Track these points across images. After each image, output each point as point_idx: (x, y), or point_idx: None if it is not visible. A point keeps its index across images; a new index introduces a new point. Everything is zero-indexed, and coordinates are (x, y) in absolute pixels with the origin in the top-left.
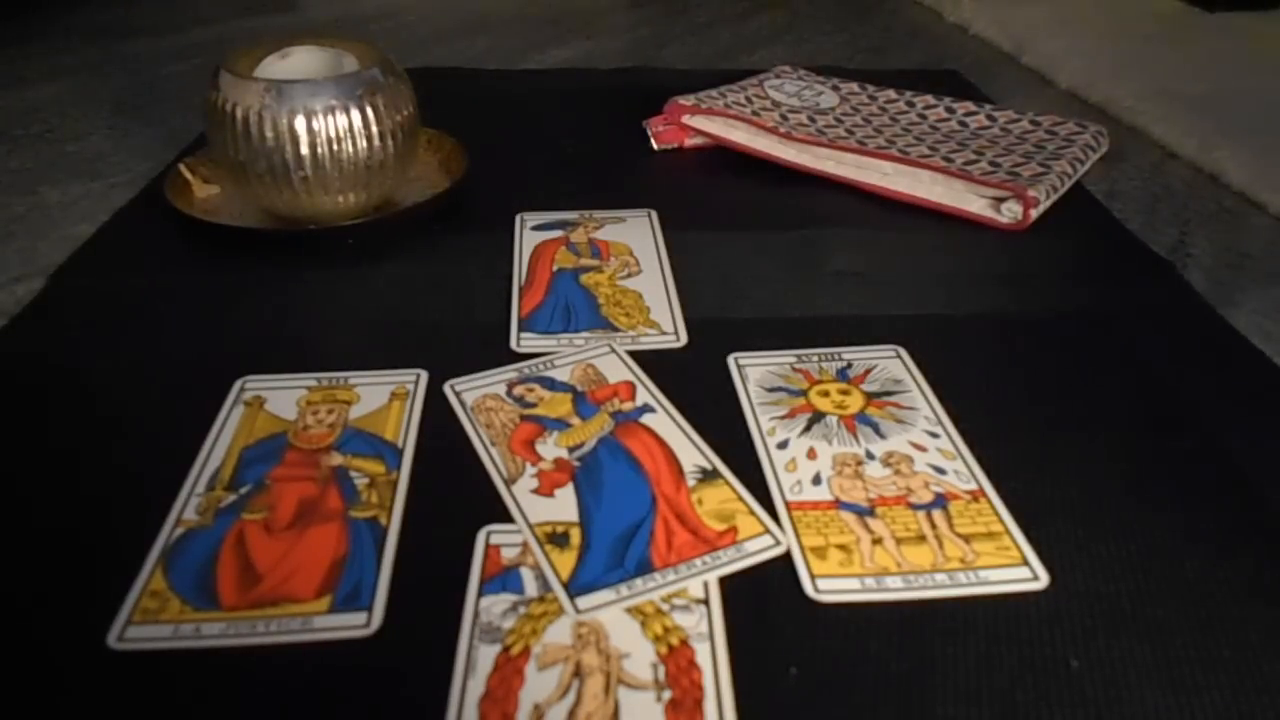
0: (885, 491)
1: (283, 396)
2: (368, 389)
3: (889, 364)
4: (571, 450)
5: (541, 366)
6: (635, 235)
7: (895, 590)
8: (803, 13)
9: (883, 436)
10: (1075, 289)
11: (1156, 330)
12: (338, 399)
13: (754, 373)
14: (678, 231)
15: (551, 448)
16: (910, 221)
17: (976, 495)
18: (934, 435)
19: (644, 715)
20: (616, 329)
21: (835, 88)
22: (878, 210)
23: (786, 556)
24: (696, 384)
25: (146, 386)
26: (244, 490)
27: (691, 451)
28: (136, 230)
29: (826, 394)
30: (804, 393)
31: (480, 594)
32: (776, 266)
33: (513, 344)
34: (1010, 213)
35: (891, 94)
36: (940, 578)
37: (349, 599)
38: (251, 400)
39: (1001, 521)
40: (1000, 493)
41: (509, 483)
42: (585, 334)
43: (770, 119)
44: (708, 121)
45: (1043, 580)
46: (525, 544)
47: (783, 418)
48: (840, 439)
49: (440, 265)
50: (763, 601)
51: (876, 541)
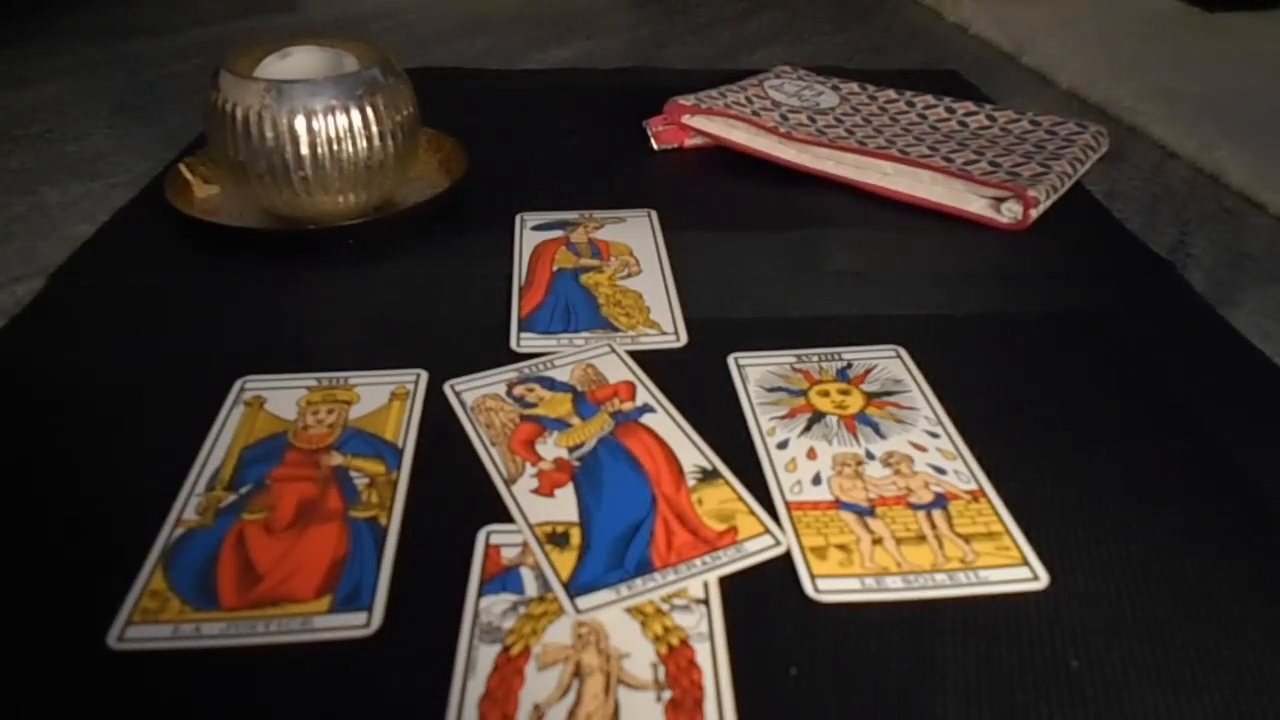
0: (885, 491)
1: (283, 396)
2: (368, 389)
3: (889, 364)
4: (571, 450)
5: (541, 366)
6: (635, 235)
7: (895, 590)
8: (803, 13)
9: (883, 436)
10: (1075, 289)
11: (1156, 330)
12: (338, 399)
13: (754, 373)
14: (678, 231)
15: (551, 448)
16: (910, 221)
17: (976, 495)
18: (934, 435)
19: (644, 715)
20: (616, 329)
21: (835, 88)
22: (878, 210)
23: (786, 556)
24: (696, 384)
25: (146, 386)
26: (244, 490)
27: (691, 451)
28: (136, 230)
29: (826, 394)
30: (804, 393)
31: (480, 594)
32: (776, 266)
33: (513, 344)
34: (1010, 213)
35: (891, 94)
36: (940, 578)
37: (349, 599)
38: (251, 400)
39: (1001, 521)
40: (1000, 493)
41: (509, 483)
42: (585, 334)
43: (770, 119)
44: (708, 121)
45: (1043, 580)
46: (525, 544)
47: (783, 418)
48: (840, 439)
49: (440, 265)
50: (763, 601)
51: (876, 541)
